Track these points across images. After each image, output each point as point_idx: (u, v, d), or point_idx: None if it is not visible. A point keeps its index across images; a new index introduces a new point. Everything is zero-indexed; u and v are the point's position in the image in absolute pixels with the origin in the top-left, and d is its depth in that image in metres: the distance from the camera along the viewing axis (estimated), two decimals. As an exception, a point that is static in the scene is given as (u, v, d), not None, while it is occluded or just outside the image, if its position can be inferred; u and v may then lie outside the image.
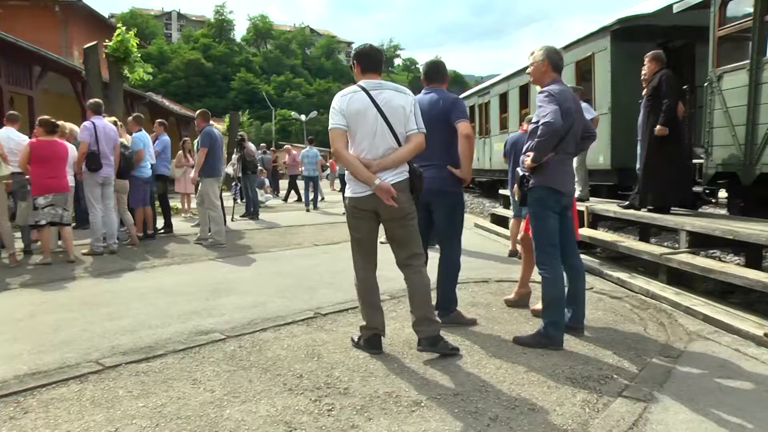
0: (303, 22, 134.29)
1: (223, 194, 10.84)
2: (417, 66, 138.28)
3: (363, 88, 4.07)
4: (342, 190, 4.40)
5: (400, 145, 4.08)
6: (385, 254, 4.33)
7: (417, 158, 4.81)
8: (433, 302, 5.05)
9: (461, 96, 17.78)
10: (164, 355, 4.21)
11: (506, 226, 10.40)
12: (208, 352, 4.25)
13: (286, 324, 4.93)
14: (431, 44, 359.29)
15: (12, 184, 8.22)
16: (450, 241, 4.97)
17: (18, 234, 8.98)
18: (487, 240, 10.01)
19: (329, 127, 4.08)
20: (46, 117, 8.16)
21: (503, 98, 16.76)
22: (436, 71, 5.05)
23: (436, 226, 4.98)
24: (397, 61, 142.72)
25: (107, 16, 34.43)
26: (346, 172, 4.21)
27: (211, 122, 10.12)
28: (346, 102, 4.05)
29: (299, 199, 19.66)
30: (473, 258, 7.61)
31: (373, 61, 4.22)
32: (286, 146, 21.95)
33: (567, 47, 11.24)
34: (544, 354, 4.16)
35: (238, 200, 15.17)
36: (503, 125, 16.73)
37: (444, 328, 4.72)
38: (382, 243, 4.24)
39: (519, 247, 7.24)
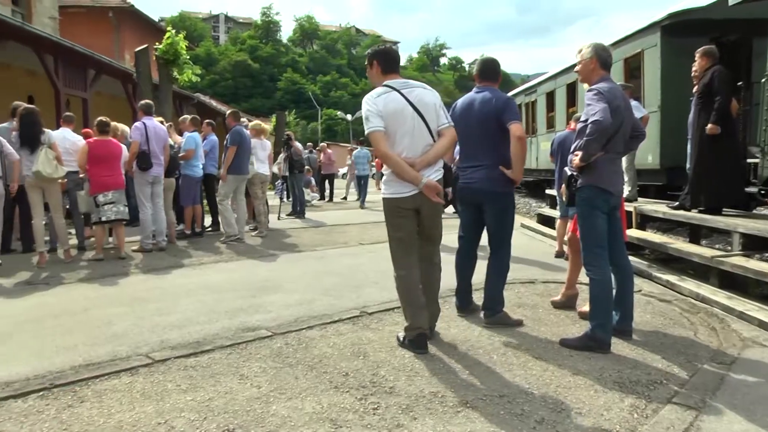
0: (348, 23, 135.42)
1: (268, 193, 10.94)
2: (463, 65, 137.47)
3: (394, 88, 4.12)
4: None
5: (434, 140, 4.15)
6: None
7: (467, 158, 4.80)
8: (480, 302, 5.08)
9: (511, 94, 17.64)
10: (212, 350, 4.28)
11: (553, 227, 10.27)
12: (255, 349, 4.31)
13: (333, 322, 4.96)
14: (477, 43, 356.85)
15: (67, 183, 8.47)
16: (501, 242, 4.92)
17: (72, 230, 9.27)
18: (533, 240, 9.91)
19: (368, 131, 4.10)
20: (100, 118, 8.40)
21: (550, 97, 16.53)
22: (490, 69, 5.01)
23: (487, 227, 4.96)
24: (443, 60, 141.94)
25: (157, 20, 35.26)
26: (386, 172, 4.24)
27: (243, 120, 10.27)
28: (383, 103, 4.08)
29: (322, 198, 20.31)
30: (519, 258, 7.52)
31: (395, 61, 4.31)
32: (321, 145, 22.11)
33: (615, 44, 11.01)
34: (591, 357, 4.10)
35: (284, 199, 15.30)
36: (550, 124, 16.51)
37: (490, 329, 4.73)
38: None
39: (566, 248, 7.15)
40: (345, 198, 20.76)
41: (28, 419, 3.23)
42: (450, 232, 5.09)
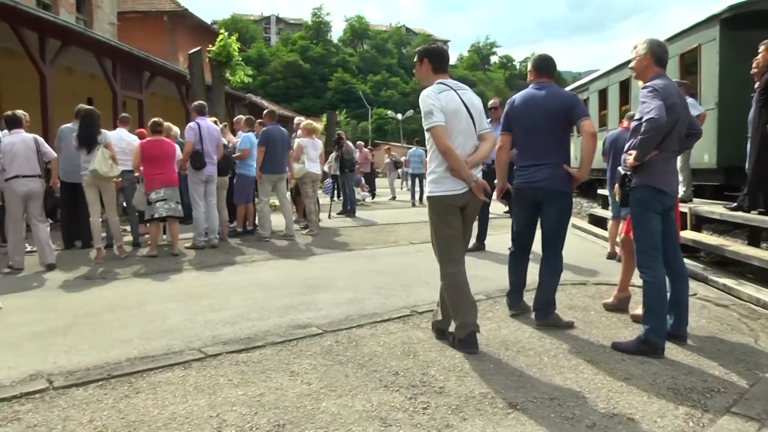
0: (399, 22, 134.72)
1: (318, 192, 11.05)
2: (513, 63, 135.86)
3: (451, 87, 4.20)
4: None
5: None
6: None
7: (529, 156, 4.74)
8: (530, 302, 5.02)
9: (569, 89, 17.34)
10: (263, 346, 4.33)
11: (604, 227, 10.09)
12: (306, 346, 4.35)
13: (383, 321, 4.97)
14: (528, 40, 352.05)
15: (122, 181, 8.70)
16: (556, 243, 4.83)
17: (127, 227, 9.53)
18: (584, 241, 9.76)
19: (431, 125, 4.10)
20: (154, 119, 8.62)
21: (602, 95, 16.20)
22: (548, 65, 4.92)
23: (544, 228, 4.86)
24: (493, 59, 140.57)
25: (210, 23, 35.94)
26: (438, 171, 4.21)
27: (297, 120, 10.37)
28: (444, 100, 4.13)
29: (374, 197, 20.41)
30: (571, 260, 7.37)
31: (446, 60, 4.38)
32: (358, 142, 22.16)
33: (671, 39, 10.70)
34: (644, 362, 4.00)
35: (335, 198, 15.41)
36: (602, 122, 16.17)
37: (541, 330, 4.67)
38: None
39: (618, 250, 7.01)
40: (393, 198, 20.78)
41: (89, 407, 3.34)
42: (497, 232, 5.06)
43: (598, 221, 11.43)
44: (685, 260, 4.82)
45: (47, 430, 3.08)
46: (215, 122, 9.66)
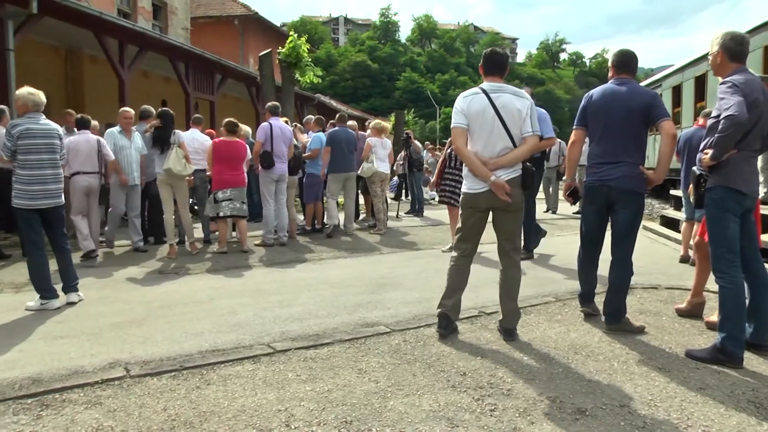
0: (467, 20, 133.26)
1: (385, 191, 11.07)
2: (583, 60, 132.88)
3: (484, 91, 4.35)
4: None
5: (515, 145, 4.32)
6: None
7: (604, 154, 4.62)
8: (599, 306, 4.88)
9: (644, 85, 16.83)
10: (331, 343, 4.37)
11: (677, 229, 9.74)
12: (374, 344, 4.36)
13: (450, 321, 4.92)
14: (599, 36, 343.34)
15: (194, 180, 8.94)
16: (627, 245, 4.66)
17: (198, 225, 9.77)
18: (656, 243, 9.46)
19: (451, 125, 4.45)
20: (229, 119, 8.81)
21: (676, 91, 15.57)
22: (630, 61, 4.76)
23: (614, 229, 4.71)
24: (563, 56, 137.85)
25: (279, 26, 36.63)
26: (464, 169, 4.51)
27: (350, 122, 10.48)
28: (468, 103, 4.37)
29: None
30: (642, 262, 7.14)
31: (496, 64, 4.48)
32: (426, 142, 22.01)
33: (753, 31, 10.14)
34: (721, 372, 3.83)
35: (403, 197, 15.40)
36: (676, 120, 15.53)
37: (611, 335, 4.54)
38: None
39: (692, 253, 6.75)
40: None
41: (162, 396, 3.45)
42: (565, 233, 4.96)
43: (671, 223, 11.03)
44: (766, 265, 4.57)
45: (125, 415, 3.20)
46: (286, 122, 9.81)
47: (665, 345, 4.36)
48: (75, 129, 8.54)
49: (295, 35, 14.44)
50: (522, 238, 4.63)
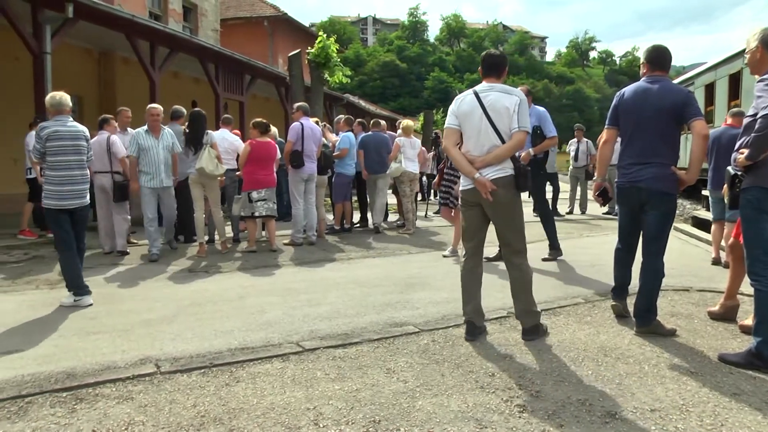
0: (496, 19, 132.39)
1: (414, 190, 11.07)
2: (613, 58, 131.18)
3: (474, 92, 4.44)
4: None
5: (504, 142, 4.33)
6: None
7: (634, 154, 4.54)
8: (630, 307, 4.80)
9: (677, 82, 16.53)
10: (360, 343, 4.37)
11: (709, 231, 9.54)
12: (402, 344, 4.35)
13: (479, 321, 4.89)
14: (629, 34, 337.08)
15: (224, 180, 9.01)
16: (658, 247, 4.56)
17: (228, 224, 9.85)
18: (687, 245, 9.28)
19: (444, 126, 4.62)
20: (259, 119, 8.86)
21: (709, 89, 15.24)
22: (664, 57, 4.66)
23: (645, 230, 4.62)
24: (592, 54, 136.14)
25: (308, 26, 36.83)
26: None
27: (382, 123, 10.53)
28: (458, 104, 4.50)
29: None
30: (673, 264, 6.99)
31: (491, 65, 4.54)
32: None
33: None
34: (756, 377, 3.73)
35: (431, 197, 15.34)
36: (708, 119, 15.18)
37: (641, 337, 4.46)
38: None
39: (723, 255, 6.61)
40: None
41: (192, 392, 3.49)
42: (595, 234, 4.89)
43: (702, 224, 10.83)
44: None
45: (156, 410, 3.24)
46: (316, 122, 9.85)
47: (697, 348, 4.27)
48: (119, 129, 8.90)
49: (324, 35, 14.48)
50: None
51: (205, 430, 3.00)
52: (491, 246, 5.09)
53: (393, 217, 12.28)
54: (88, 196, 5.89)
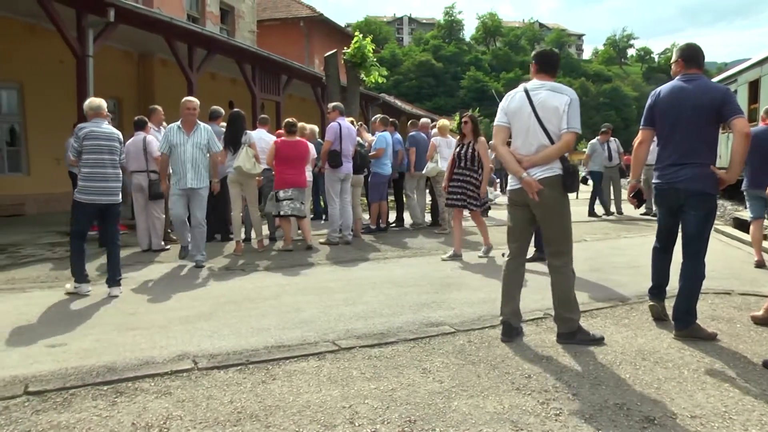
0: (532, 17, 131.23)
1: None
2: (652, 56, 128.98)
3: (525, 89, 4.36)
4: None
5: (553, 143, 4.23)
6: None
7: (672, 154, 4.46)
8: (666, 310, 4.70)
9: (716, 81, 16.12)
10: (395, 342, 4.36)
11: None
12: (438, 344, 4.32)
13: (515, 323, 4.84)
14: (669, 30, 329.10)
15: (262, 179, 9.10)
16: (698, 249, 4.46)
17: (264, 222, 9.93)
18: (728, 247, 9.05)
19: (494, 123, 4.52)
20: (289, 119, 8.92)
21: (753, 86, 14.77)
22: (698, 55, 4.57)
23: (684, 232, 4.53)
24: (630, 52, 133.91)
25: (344, 26, 36.99)
26: None
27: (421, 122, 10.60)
28: (508, 101, 4.43)
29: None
30: (714, 266, 6.79)
31: (547, 62, 4.47)
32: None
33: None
34: (805, 385, 3.60)
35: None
36: (752, 118, 14.82)
37: (681, 341, 4.36)
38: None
39: (766, 256, 6.44)
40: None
41: (229, 389, 3.52)
42: (632, 235, 4.80)
43: (744, 225, 10.54)
44: None
45: (194, 405, 3.28)
46: (351, 122, 9.88)
47: (740, 354, 4.14)
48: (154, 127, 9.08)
49: (360, 35, 14.53)
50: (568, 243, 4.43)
51: (242, 426, 3.02)
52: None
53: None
54: (119, 195, 6.23)
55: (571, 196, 4.47)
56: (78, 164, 6.09)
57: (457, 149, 8.03)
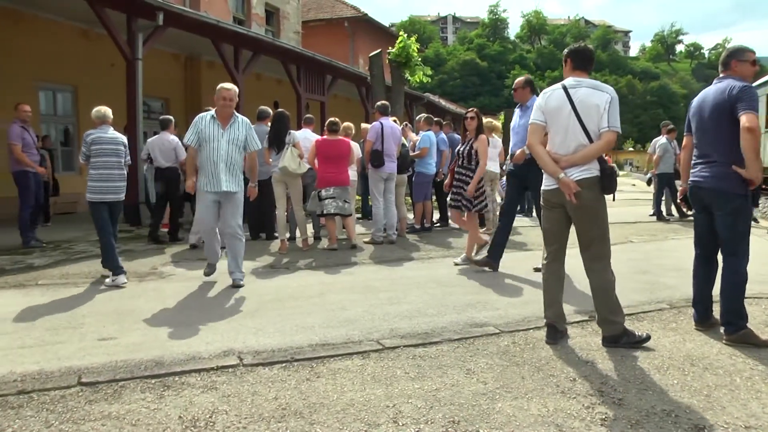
0: (577, 14, 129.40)
1: (495, 190, 10.95)
2: (702, 51, 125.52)
3: (563, 86, 4.25)
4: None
5: (592, 142, 4.14)
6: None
7: (699, 155, 4.43)
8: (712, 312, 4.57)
9: (757, 84, 15.59)
10: (440, 342, 4.34)
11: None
12: (482, 345, 4.30)
13: (560, 325, 4.77)
14: (721, 24, 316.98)
15: (305, 178, 9.16)
16: (733, 249, 4.35)
17: (309, 221, 10.01)
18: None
19: (529, 121, 4.40)
20: (331, 118, 8.98)
21: None
22: (727, 57, 4.48)
23: (718, 232, 4.42)
24: (679, 48, 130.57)
25: (388, 26, 37.09)
26: None
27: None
28: (545, 99, 4.31)
29: None
30: (764, 269, 6.63)
31: (583, 59, 4.35)
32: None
33: None
34: None
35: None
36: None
37: (732, 347, 4.22)
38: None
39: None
40: None
41: (274, 385, 3.56)
42: (680, 237, 4.67)
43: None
44: None
45: (239, 401, 3.33)
46: (396, 121, 9.88)
47: (798, 362, 3.99)
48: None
49: (405, 35, 14.53)
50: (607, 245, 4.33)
51: (286, 423, 3.04)
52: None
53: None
54: (123, 194, 6.83)
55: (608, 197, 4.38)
56: (87, 167, 6.62)
57: (459, 148, 7.78)
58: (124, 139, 6.91)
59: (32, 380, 3.62)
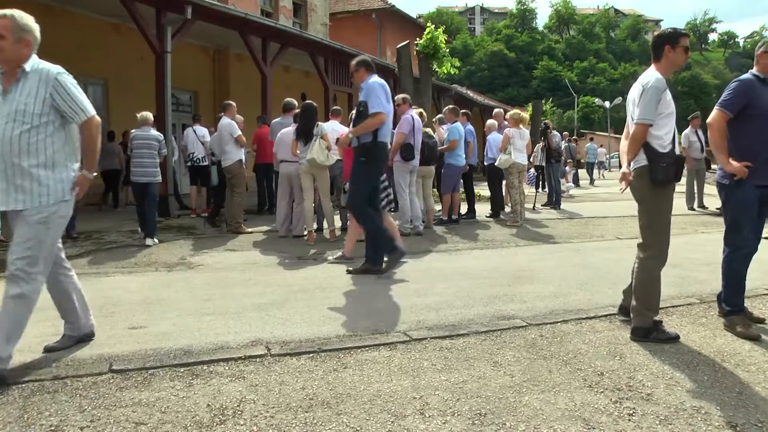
0: (607, 3, 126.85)
1: (522, 182, 10.90)
2: (736, 40, 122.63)
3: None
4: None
5: None
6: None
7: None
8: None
9: None
10: (467, 334, 4.33)
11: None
12: (509, 337, 4.28)
13: (588, 318, 4.73)
14: (759, 11, 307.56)
15: (333, 170, 9.18)
16: (726, 234, 4.48)
17: (336, 213, 10.04)
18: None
19: None
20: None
21: None
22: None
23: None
24: (712, 36, 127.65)
25: (416, 17, 36.94)
26: None
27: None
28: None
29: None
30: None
31: (651, 48, 4.36)
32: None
33: None
34: None
35: (540, 189, 15.02)
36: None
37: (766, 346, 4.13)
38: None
39: None
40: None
41: (301, 375, 3.58)
42: (711, 230, 4.58)
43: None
44: None
45: (266, 390, 3.36)
46: (421, 114, 9.84)
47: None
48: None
49: (433, 26, 14.46)
50: (654, 235, 4.27)
51: (313, 413, 3.06)
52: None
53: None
54: (156, 177, 8.53)
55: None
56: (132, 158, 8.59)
57: None
58: (161, 136, 8.82)
59: (66, 366, 3.69)
